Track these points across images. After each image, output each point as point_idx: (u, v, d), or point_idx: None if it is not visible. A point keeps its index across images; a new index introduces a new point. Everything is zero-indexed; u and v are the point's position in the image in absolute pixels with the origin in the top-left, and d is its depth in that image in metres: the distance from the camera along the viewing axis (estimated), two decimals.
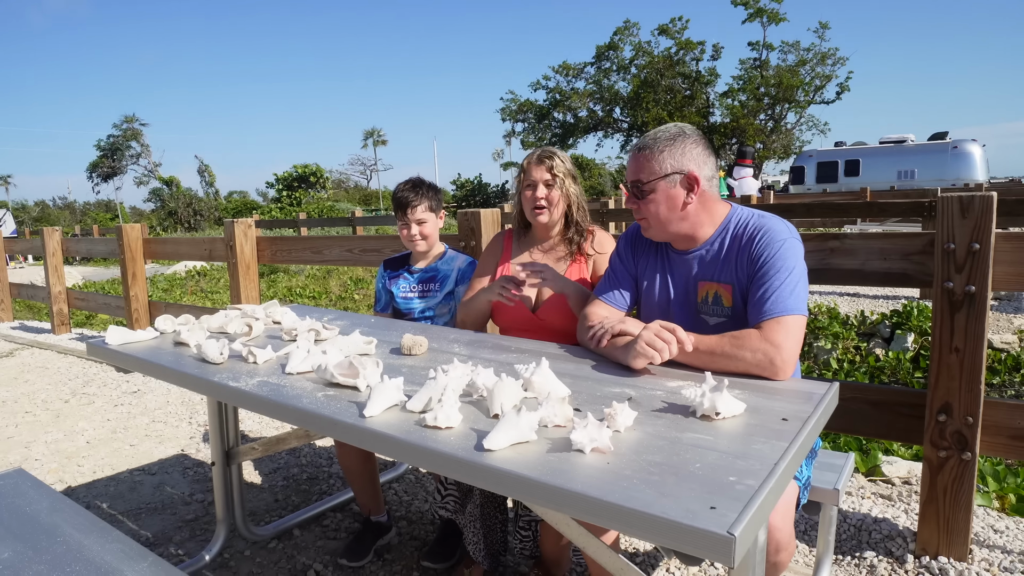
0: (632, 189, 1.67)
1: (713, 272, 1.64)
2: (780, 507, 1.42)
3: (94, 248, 6.45)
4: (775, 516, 1.40)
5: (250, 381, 1.54)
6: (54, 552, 1.44)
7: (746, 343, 1.45)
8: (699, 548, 0.85)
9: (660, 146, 1.62)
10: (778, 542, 1.41)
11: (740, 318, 1.59)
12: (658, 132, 1.66)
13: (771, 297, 1.49)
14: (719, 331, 1.56)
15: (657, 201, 1.62)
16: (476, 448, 1.10)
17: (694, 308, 1.69)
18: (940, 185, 14.85)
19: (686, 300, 1.70)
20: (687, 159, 1.61)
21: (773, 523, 1.39)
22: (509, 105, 33.02)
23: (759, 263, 1.55)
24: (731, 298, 1.61)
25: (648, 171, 1.62)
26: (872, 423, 2.16)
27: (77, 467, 3.21)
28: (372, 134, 62.83)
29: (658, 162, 1.61)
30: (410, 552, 2.29)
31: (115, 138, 51.43)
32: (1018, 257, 1.91)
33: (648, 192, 1.63)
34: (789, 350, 1.43)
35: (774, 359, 1.42)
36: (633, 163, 1.67)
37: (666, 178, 1.61)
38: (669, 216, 1.63)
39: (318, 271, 11.05)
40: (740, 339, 1.46)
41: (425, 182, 2.40)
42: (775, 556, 1.43)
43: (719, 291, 1.63)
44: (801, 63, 27.97)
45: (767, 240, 1.56)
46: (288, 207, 30.41)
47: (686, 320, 1.68)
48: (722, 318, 1.63)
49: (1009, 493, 2.52)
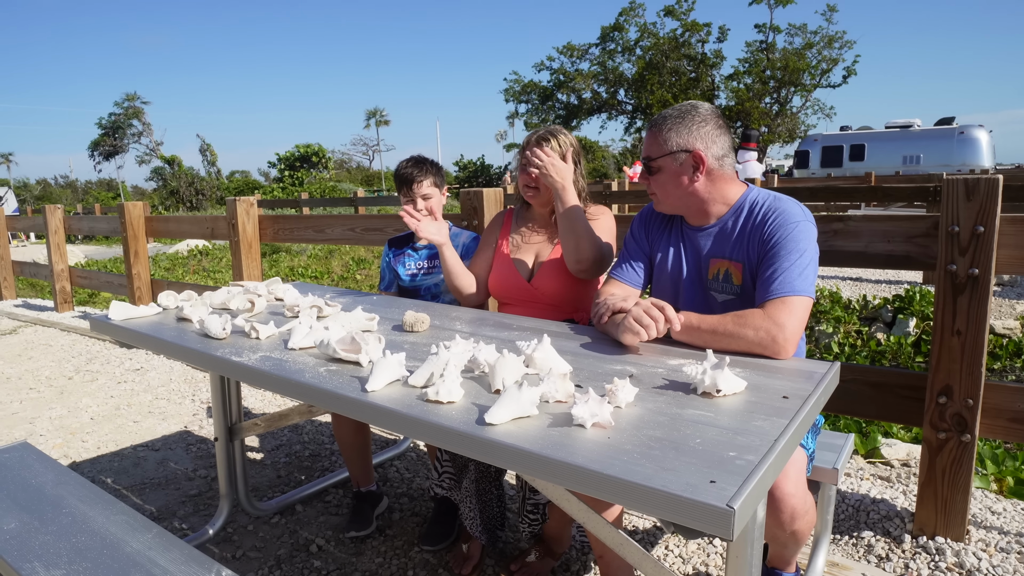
0: (644, 164, 1.71)
1: (725, 250, 1.66)
2: (791, 473, 1.43)
3: (96, 226, 6.45)
4: (787, 483, 1.41)
5: (253, 356, 1.54)
6: (60, 523, 1.46)
7: (749, 321, 1.45)
8: (698, 521, 0.85)
9: (668, 124, 1.64)
10: (792, 509, 1.41)
11: (748, 297, 1.60)
12: (671, 109, 1.68)
13: (779, 277, 1.50)
14: (726, 309, 1.58)
15: (663, 178, 1.66)
16: (478, 422, 1.11)
17: (704, 284, 1.70)
18: (946, 170, 14.77)
19: (697, 276, 1.72)
20: (693, 137, 1.62)
21: (786, 490, 1.40)
22: (513, 86, 32.81)
23: (770, 243, 1.56)
24: (741, 276, 1.62)
25: (656, 148, 1.66)
26: (872, 405, 2.17)
27: (81, 443, 3.24)
28: (375, 114, 62.52)
29: (664, 139, 1.64)
30: (411, 528, 2.31)
31: (116, 116, 51.23)
32: (1022, 240, 1.90)
33: (656, 169, 1.67)
34: (792, 329, 1.43)
35: (776, 337, 1.42)
36: (646, 139, 1.72)
37: (672, 155, 1.63)
38: (676, 193, 1.66)
39: (320, 251, 11.04)
40: (743, 318, 1.46)
41: (427, 159, 2.39)
42: (791, 525, 1.43)
43: (730, 268, 1.64)
44: (808, 46, 27.70)
45: (780, 221, 1.57)
46: (290, 187, 30.38)
47: (695, 296, 1.71)
48: (730, 296, 1.64)
49: (1007, 476, 2.53)
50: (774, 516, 1.42)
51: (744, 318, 1.46)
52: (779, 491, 1.41)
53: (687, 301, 1.72)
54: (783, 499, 1.41)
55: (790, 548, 1.60)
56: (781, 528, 1.45)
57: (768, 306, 1.47)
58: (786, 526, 1.44)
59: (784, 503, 1.41)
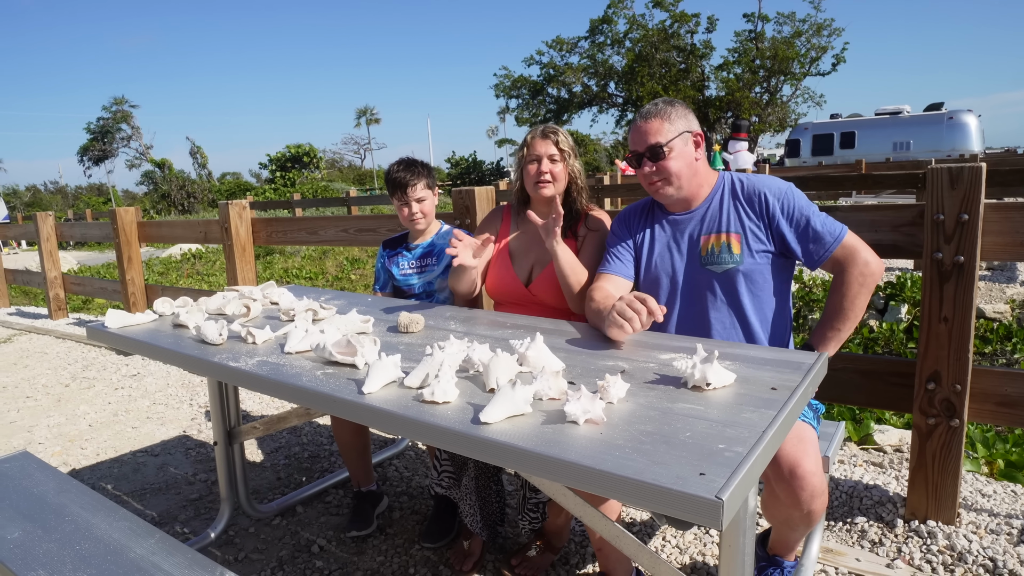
0: (649, 153, 1.76)
1: (717, 225, 1.76)
2: (811, 452, 1.49)
3: (88, 233, 6.44)
4: (808, 461, 1.46)
5: (250, 361, 1.56)
6: (63, 531, 1.48)
7: (846, 280, 1.66)
8: (689, 513, 0.88)
9: (667, 111, 1.77)
10: (813, 488, 1.46)
11: (750, 263, 1.71)
12: (656, 102, 1.80)
13: (823, 230, 1.68)
14: (728, 279, 1.71)
15: (676, 158, 1.75)
16: (473, 421, 1.13)
17: (698, 263, 1.77)
18: (936, 156, 14.83)
19: (691, 256, 1.79)
20: (690, 121, 1.78)
21: (807, 468, 1.46)
22: (503, 81, 32.68)
23: (792, 215, 1.71)
24: (740, 246, 1.72)
25: (665, 132, 1.75)
26: (863, 392, 2.20)
27: (80, 450, 3.25)
28: (365, 112, 62.28)
29: (672, 123, 1.75)
30: (411, 526, 2.33)
31: (105, 120, 50.87)
32: (1007, 227, 1.93)
33: (668, 152, 1.74)
34: (867, 247, 1.68)
35: (868, 260, 1.65)
36: (644, 129, 1.77)
37: (680, 136, 1.75)
38: (687, 171, 1.76)
39: (314, 252, 11.03)
40: (843, 286, 1.67)
41: (417, 161, 2.40)
42: (810, 504, 1.48)
43: (727, 240, 1.74)
44: (796, 35, 27.67)
45: (776, 193, 1.73)
46: (282, 188, 30.26)
47: (692, 276, 1.78)
48: (731, 264, 1.72)
49: (998, 459, 2.57)
50: (794, 495, 1.46)
51: (843, 285, 1.66)
52: (801, 469, 1.45)
53: (684, 283, 1.79)
54: (805, 477, 1.45)
55: (799, 531, 1.63)
56: (799, 507, 1.48)
57: (839, 255, 1.67)
58: (805, 504, 1.48)
59: (806, 481, 1.45)
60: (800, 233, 1.71)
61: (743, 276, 1.71)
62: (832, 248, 1.67)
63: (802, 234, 1.70)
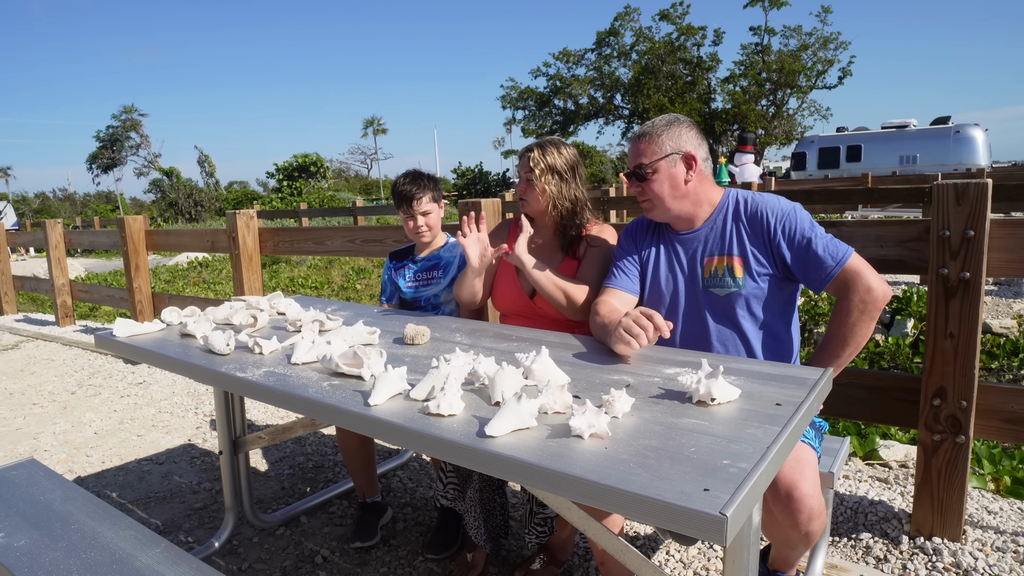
0: (635, 173, 1.77)
1: (720, 247, 1.74)
2: (808, 474, 1.48)
3: (96, 240, 6.48)
4: (805, 484, 1.45)
5: (256, 371, 1.57)
6: (69, 539, 1.49)
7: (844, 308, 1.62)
8: (693, 529, 0.88)
9: (658, 131, 1.75)
10: (811, 510, 1.45)
11: (751, 287, 1.69)
12: (654, 120, 1.79)
13: (824, 254, 1.64)
14: (729, 303, 1.69)
15: (660, 180, 1.73)
16: (478, 434, 1.14)
17: (699, 284, 1.76)
18: (942, 170, 14.80)
19: (692, 278, 1.78)
20: (683, 140, 1.74)
21: (804, 491, 1.45)
22: (509, 92, 32.86)
23: (793, 238, 1.67)
24: (742, 269, 1.70)
25: (649, 153, 1.74)
26: (868, 408, 2.20)
27: (86, 457, 3.26)
28: (372, 123, 62.62)
29: (658, 144, 1.73)
30: (415, 537, 2.33)
31: (114, 129, 51.35)
32: (1013, 244, 1.93)
33: (651, 173, 1.73)
34: (873, 271, 1.63)
35: (871, 286, 1.60)
36: (634, 149, 1.79)
37: (667, 158, 1.73)
38: (672, 194, 1.74)
39: (320, 261, 11.08)
40: (843, 313, 1.62)
41: (424, 173, 2.42)
42: (808, 525, 1.47)
43: (730, 263, 1.72)
44: (803, 48, 27.77)
45: (778, 215, 1.69)
46: (289, 197, 30.41)
47: (693, 297, 1.76)
48: (732, 288, 1.71)
49: (1004, 475, 2.55)
50: (791, 517, 1.46)
51: (844, 312, 1.62)
52: (798, 492, 1.44)
53: (687, 304, 1.78)
54: (802, 499, 1.45)
55: (799, 550, 1.62)
56: (796, 529, 1.48)
57: (841, 279, 1.63)
58: (802, 526, 1.47)
59: (803, 503, 1.45)
60: (800, 257, 1.67)
61: (745, 300, 1.69)
62: (834, 272, 1.63)
63: (803, 258, 1.67)
